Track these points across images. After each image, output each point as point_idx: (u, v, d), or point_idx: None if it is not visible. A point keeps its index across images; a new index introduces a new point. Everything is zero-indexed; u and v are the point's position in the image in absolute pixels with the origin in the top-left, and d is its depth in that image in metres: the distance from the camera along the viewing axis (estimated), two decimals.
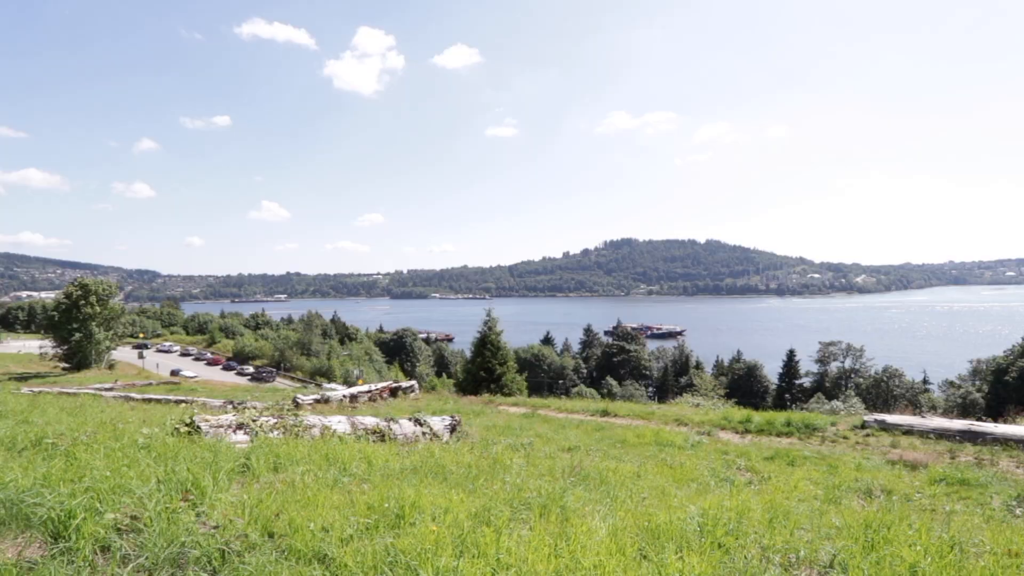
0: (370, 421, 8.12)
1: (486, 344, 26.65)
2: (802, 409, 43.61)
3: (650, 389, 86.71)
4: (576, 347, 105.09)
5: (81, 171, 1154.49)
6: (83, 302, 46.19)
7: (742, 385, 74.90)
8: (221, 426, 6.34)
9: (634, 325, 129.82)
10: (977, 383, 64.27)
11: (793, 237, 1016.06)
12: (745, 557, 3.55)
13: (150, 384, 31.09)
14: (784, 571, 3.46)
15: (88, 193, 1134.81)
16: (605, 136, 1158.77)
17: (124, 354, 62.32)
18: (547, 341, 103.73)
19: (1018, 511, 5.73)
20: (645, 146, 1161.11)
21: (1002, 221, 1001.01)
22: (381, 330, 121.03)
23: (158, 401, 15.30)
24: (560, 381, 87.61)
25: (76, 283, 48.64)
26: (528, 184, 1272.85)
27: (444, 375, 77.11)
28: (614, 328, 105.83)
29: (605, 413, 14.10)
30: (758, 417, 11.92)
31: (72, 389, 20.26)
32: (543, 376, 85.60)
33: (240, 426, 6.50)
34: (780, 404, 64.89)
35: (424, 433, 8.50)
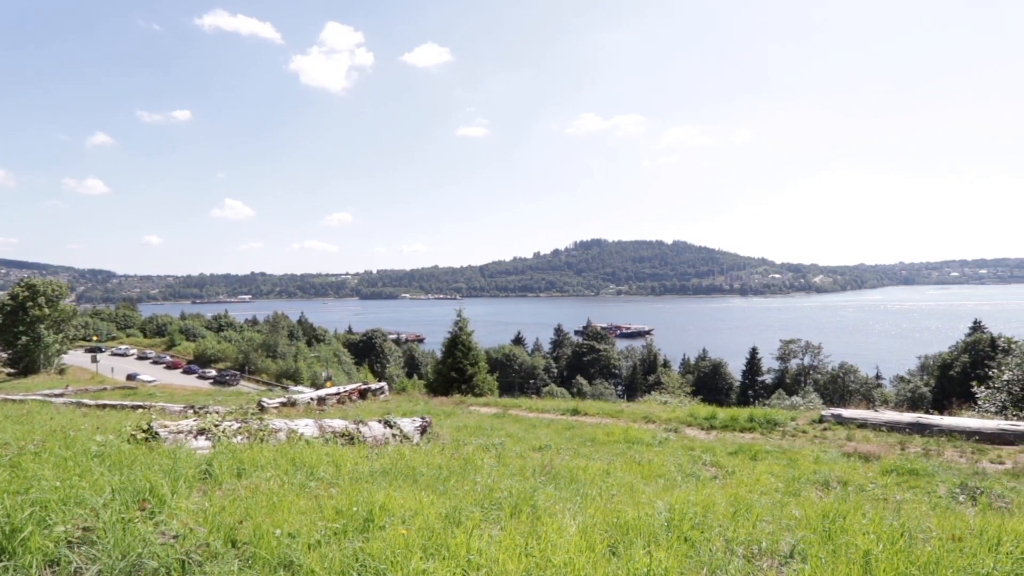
0: (338, 424, 7.98)
1: (457, 344, 26.52)
2: (764, 405, 44.90)
3: (619, 388, 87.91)
4: (547, 347, 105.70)
5: (29, 166, 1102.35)
6: (30, 304, 43.96)
7: (708, 382, 76.68)
8: (181, 432, 6.13)
9: (604, 325, 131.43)
10: (925, 378, 67.59)
11: (756, 238, 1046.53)
12: (710, 550, 3.65)
13: (104, 389, 29.76)
14: (747, 562, 3.56)
15: (36, 189, 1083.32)
16: (575, 137, 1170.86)
17: (76, 358, 59.52)
18: (518, 341, 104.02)
19: (961, 498, 6.05)
20: (614, 148, 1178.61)
21: (947, 225, 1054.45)
22: (350, 331, 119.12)
23: (113, 407, 14.66)
24: (531, 381, 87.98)
25: (23, 283, 46.25)
26: (499, 184, 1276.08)
27: (415, 376, 76.39)
28: (584, 328, 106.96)
29: (575, 412, 14.22)
30: (722, 413, 12.23)
31: (18, 396, 19.23)
32: (514, 376, 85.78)
33: (201, 431, 6.29)
34: (744, 400, 66.76)
35: (394, 435, 8.41)
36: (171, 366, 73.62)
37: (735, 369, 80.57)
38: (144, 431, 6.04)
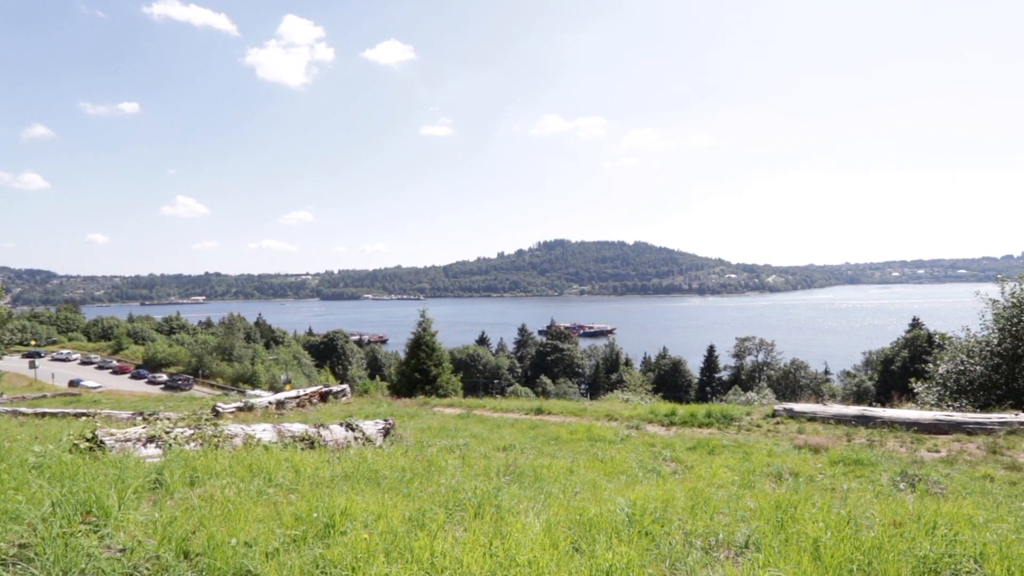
0: (298, 428, 7.78)
1: (420, 345, 26.26)
2: (721, 401, 46.43)
3: (583, 386, 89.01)
4: (511, 347, 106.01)
5: None
6: None
7: (668, 380, 78.58)
8: (129, 440, 5.85)
9: (567, 324, 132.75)
10: (869, 372, 71.34)
11: (713, 240, 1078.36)
12: (670, 543, 3.74)
13: (44, 396, 28.04)
14: (705, 554, 3.67)
15: None
16: (539, 138, 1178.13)
17: (12, 364, 55.96)
18: (482, 341, 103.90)
19: (901, 486, 6.41)
20: (577, 149, 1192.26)
21: (889, 227, 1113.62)
22: (310, 333, 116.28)
23: (53, 415, 13.82)
24: (495, 381, 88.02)
25: None
26: (463, 184, 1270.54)
27: (378, 377, 75.19)
28: (548, 328, 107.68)
29: (539, 411, 14.31)
30: (682, 410, 12.53)
31: None
32: (478, 376, 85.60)
33: (151, 439, 6.02)
34: (702, 397, 68.77)
35: (356, 438, 8.27)
36: (118, 371, 70.13)
37: (694, 366, 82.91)
38: (88, 440, 5.73)
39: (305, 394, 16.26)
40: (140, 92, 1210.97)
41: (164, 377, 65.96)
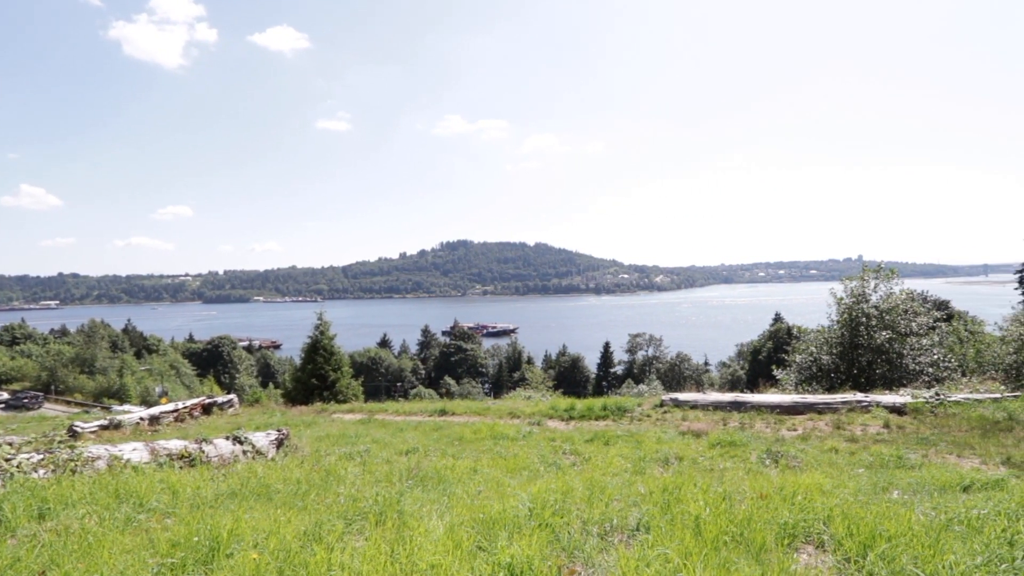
0: (176, 445, 7.07)
1: (318, 349, 24.94)
2: (616, 394, 49.20)
3: (487, 386, 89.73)
4: (414, 348, 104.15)
5: None
6: None
7: (568, 376, 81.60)
8: None
9: (470, 324, 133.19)
10: (741, 362, 79.27)
11: (608, 241, 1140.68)
12: (569, 533, 3.91)
13: None
14: (601, 539, 3.88)
15: None
16: (441, 138, 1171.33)
17: None
18: (384, 343, 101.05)
19: (767, 462, 7.24)
20: (479, 151, 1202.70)
21: (756, 231, 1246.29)
22: (191, 339, 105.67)
23: None
24: (398, 384, 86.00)
25: None
26: (364, 182, 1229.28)
27: (271, 385, 70.19)
28: (451, 328, 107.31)
29: (443, 412, 14.22)
30: (580, 405, 13.08)
31: None
32: (380, 380, 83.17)
33: None
34: (599, 391, 72.35)
35: (245, 452, 7.68)
36: None
37: (591, 362, 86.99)
38: None
39: (185, 407, 14.78)
40: None
41: (5, 396, 56.53)
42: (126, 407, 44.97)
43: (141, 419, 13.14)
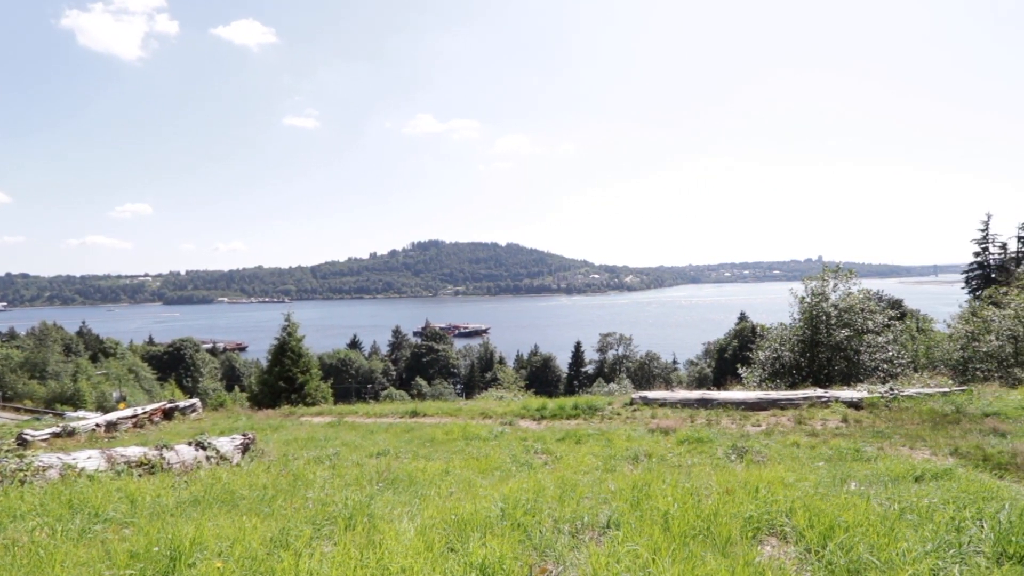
0: (135, 452, 6.82)
1: (285, 351, 24.40)
2: (587, 393, 49.70)
3: (458, 386, 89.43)
4: (385, 349, 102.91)
5: None
6: None
7: (539, 376, 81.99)
8: None
9: (442, 325, 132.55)
10: (708, 360, 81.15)
11: (579, 242, 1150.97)
12: (540, 531, 3.94)
13: None
14: (572, 537, 3.92)
15: None
16: (412, 137, 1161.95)
17: None
18: (354, 345, 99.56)
19: (733, 457, 7.44)
20: (450, 151, 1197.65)
21: (721, 232, 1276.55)
22: (151, 342, 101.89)
23: None
24: (369, 385, 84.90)
25: None
26: (333, 181, 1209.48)
27: (236, 389, 68.23)
28: (423, 329, 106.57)
29: (415, 414, 14.09)
30: (552, 404, 13.16)
31: None
32: (350, 381, 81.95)
33: None
34: (570, 390, 72.90)
35: (209, 458, 7.45)
36: None
37: (563, 362, 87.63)
38: None
39: (144, 412, 14.26)
40: None
41: None
42: (81, 414, 42.99)
43: (97, 425, 12.61)
